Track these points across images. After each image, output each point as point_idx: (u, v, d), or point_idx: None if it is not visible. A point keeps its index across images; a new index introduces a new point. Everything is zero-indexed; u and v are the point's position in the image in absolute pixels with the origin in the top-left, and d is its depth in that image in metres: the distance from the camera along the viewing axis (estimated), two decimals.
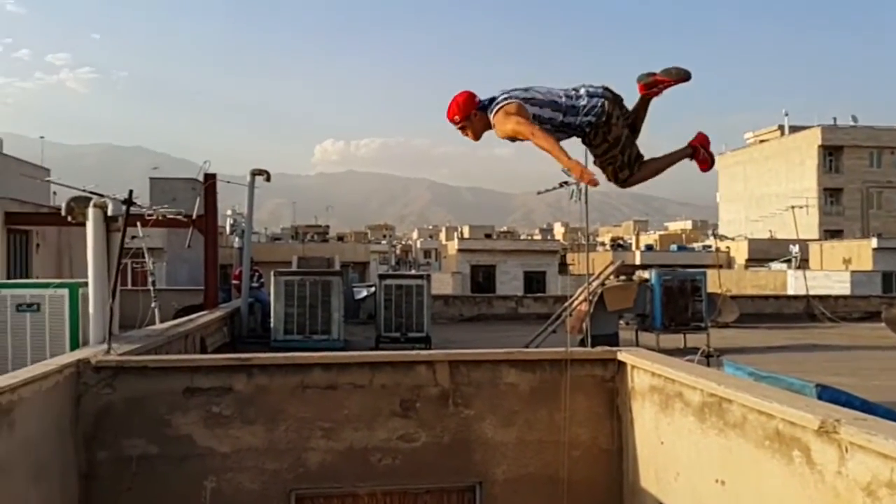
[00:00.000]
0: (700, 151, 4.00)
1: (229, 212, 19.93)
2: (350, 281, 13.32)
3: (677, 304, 11.30)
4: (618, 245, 58.85)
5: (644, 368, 4.55)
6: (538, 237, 71.27)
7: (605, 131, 3.79)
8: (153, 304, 6.98)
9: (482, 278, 35.41)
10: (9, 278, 12.09)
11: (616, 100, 3.84)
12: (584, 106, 3.77)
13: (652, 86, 3.83)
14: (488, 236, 58.13)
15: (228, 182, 9.21)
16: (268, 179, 9.46)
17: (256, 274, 11.46)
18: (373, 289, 12.40)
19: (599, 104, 3.76)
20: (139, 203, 4.81)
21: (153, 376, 4.67)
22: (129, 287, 12.12)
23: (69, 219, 5.43)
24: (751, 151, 54.65)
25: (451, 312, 15.59)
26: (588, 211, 5.55)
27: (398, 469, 4.75)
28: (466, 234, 57.06)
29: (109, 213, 5.27)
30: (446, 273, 36.60)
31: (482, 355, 4.95)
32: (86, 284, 6.09)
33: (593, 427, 4.85)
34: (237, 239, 13.04)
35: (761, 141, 55.06)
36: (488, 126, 3.86)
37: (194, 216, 6.09)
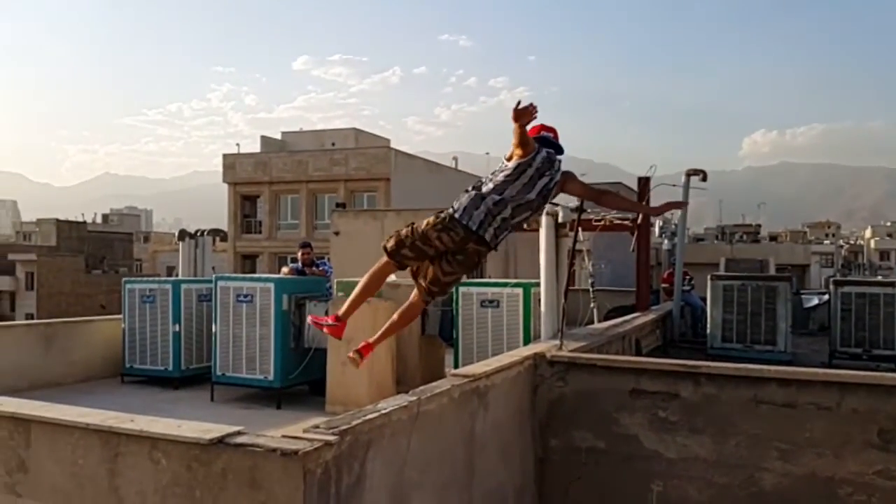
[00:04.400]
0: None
1: None
2: (795, 287, 12.07)
3: None
4: None
5: None
6: None
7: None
8: (592, 305, 7.32)
9: None
10: (468, 277, 14.08)
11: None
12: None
13: None
14: None
15: (674, 185, 9.08)
16: (704, 179, 9.12)
17: (687, 277, 11.19)
18: (825, 296, 11.00)
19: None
20: (588, 210, 5.05)
21: (601, 374, 4.86)
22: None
23: (525, 226, 5.99)
24: None
25: None
26: None
27: None
28: None
29: (559, 220, 5.67)
30: None
31: None
32: (537, 285, 6.68)
33: None
34: (666, 241, 12.96)
35: None
36: None
37: (638, 221, 6.20)
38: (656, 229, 12.68)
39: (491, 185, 3.91)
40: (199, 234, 9.70)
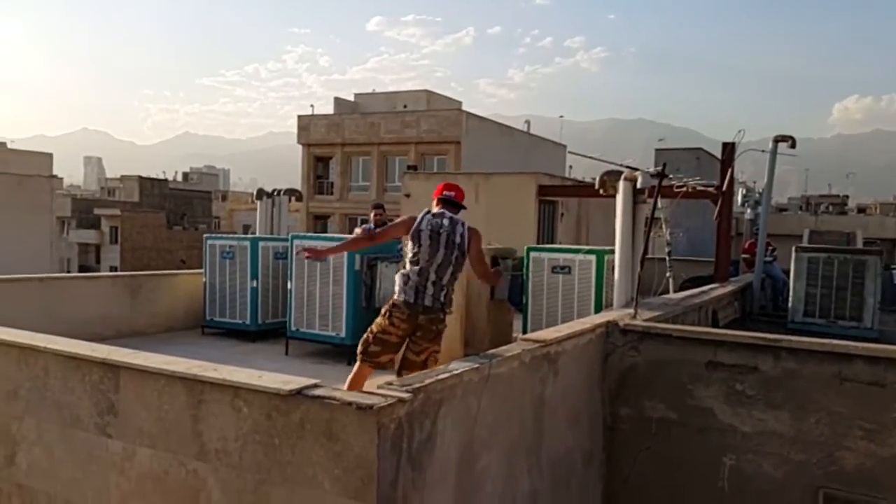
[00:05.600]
0: None
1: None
2: (885, 261, 11.44)
3: None
4: None
5: None
6: None
7: None
8: (668, 274, 7.12)
9: None
10: (538, 243, 13.96)
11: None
12: None
13: None
14: None
15: (763, 151, 8.66)
16: (792, 146, 8.67)
17: (770, 247, 10.76)
18: None
19: None
20: (670, 175, 4.89)
21: (676, 345, 4.75)
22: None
23: (601, 191, 5.86)
24: None
25: None
26: None
27: None
28: None
29: (638, 185, 5.50)
30: None
31: None
32: (610, 252, 6.54)
33: None
34: (748, 210, 12.46)
35: None
36: None
37: (723, 187, 5.93)
38: (738, 198, 12.20)
39: (408, 263, 4.35)
40: (275, 193, 9.92)
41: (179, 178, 72.71)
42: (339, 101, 38.31)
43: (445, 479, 3.12)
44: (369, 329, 4.44)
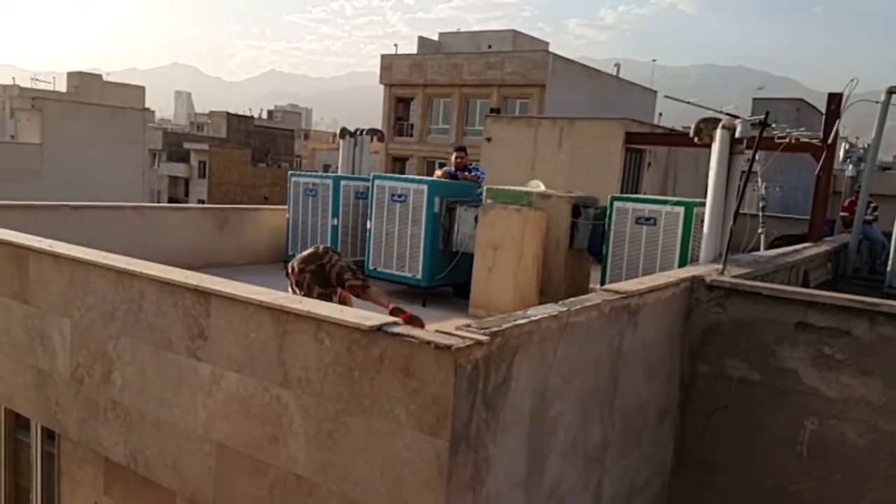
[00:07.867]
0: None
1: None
2: None
3: None
4: None
5: None
6: None
7: None
8: (760, 230, 6.80)
9: None
10: (622, 192, 13.59)
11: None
12: None
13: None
14: None
15: (877, 102, 8.00)
16: None
17: (871, 205, 10.13)
18: None
19: None
20: (772, 125, 4.60)
21: (764, 304, 4.57)
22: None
23: (695, 139, 5.59)
24: None
25: None
26: None
27: None
28: None
29: (737, 134, 5.21)
30: None
31: None
32: (700, 204, 6.29)
33: None
34: (850, 166, 11.72)
35: None
36: None
37: (829, 140, 5.53)
38: (841, 153, 11.48)
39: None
40: (358, 133, 9.98)
41: (264, 115, 74.21)
42: (422, 41, 37.89)
43: (518, 422, 3.13)
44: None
